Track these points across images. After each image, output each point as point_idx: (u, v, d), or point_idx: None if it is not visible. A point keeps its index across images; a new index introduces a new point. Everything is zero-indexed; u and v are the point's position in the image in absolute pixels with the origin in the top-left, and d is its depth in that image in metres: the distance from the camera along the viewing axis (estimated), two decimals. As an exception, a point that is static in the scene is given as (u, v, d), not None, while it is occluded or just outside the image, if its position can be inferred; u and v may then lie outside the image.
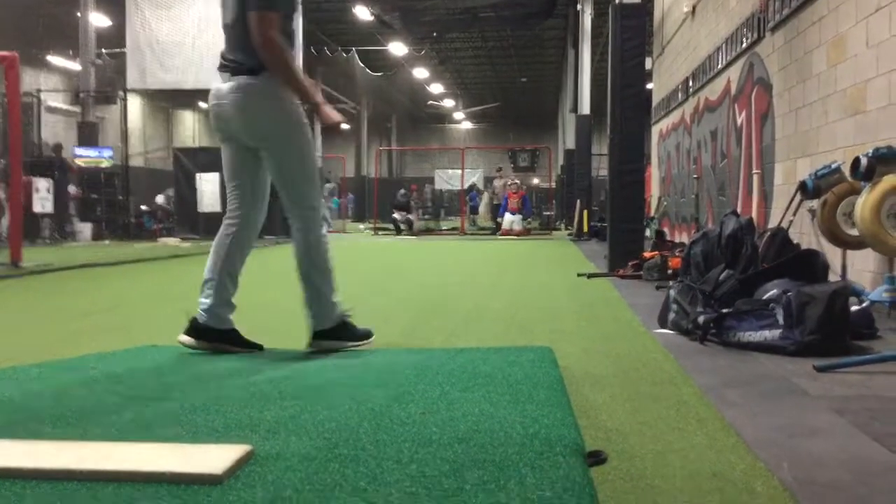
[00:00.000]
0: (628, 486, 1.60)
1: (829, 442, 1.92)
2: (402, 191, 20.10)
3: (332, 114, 3.11)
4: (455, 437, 1.72)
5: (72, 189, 15.11)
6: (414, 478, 1.47)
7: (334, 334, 3.10)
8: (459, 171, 23.17)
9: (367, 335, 3.19)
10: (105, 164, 15.98)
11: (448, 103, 37.79)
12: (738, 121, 7.86)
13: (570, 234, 16.59)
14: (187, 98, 27.67)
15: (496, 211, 20.19)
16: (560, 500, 1.36)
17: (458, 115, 41.46)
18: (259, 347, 3.09)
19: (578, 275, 6.77)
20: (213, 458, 1.53)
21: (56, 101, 21.74)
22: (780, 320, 3.12)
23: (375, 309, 4.75)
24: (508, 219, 17.70)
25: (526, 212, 18.79)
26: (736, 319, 3.27)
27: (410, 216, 18.35)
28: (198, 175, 15.06)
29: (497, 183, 21.34)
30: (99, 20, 17.61)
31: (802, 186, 4.69)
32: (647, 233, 9.74)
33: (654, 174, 14.03)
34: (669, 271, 6.03)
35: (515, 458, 1.58)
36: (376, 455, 1.61)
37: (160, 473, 1.47)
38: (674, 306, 3.71)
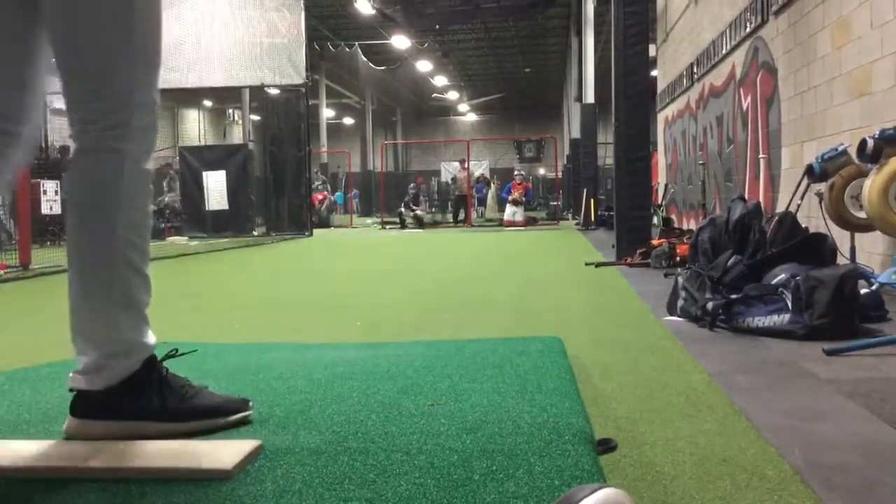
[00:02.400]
0: (638, 473, 1.60)
1: (839, 425, 1.92)
2: (413, 185, 20.24)
3: None
4: (463, 428, 1.72)
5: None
6: (422, 469, 1.47)
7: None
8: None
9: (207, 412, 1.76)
10: (112, 164, 16.03)
11: (452, 96, 37.74)
12: (744, 106, 7.82)
13: (577, 224, 16.57)
14: (192, 96, 27.73)
15: (459, 203, 20.37)
16: (569, 488, 1.36)
17: (463, 108, 41.39)
18: None
19: (586, 264, 6.76)
20: (223, 453, 1.54)
21: (61, 102, 21.74)
22: (789, 305, 3.11)
23: (385, 302, 4.76)
24: (510, 210, 17.94)
25: (527, 200, 19.40)
26: (745, 305, 3.26)
27: (419, 211, 18.40)
28: (204, 173, 15.11)
29: (460, 175, 21.49)
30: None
31: (809, 170, 4.67)
32: (655, 220, 9.71)
33: (661, 161, 13.98)
34: (677, 258, 6.02)
35: (524, 447, 1.58)
36: (385, 447, 1.61)
37: (170, 470, 1.48)
38: (682, 293, 3.70)
